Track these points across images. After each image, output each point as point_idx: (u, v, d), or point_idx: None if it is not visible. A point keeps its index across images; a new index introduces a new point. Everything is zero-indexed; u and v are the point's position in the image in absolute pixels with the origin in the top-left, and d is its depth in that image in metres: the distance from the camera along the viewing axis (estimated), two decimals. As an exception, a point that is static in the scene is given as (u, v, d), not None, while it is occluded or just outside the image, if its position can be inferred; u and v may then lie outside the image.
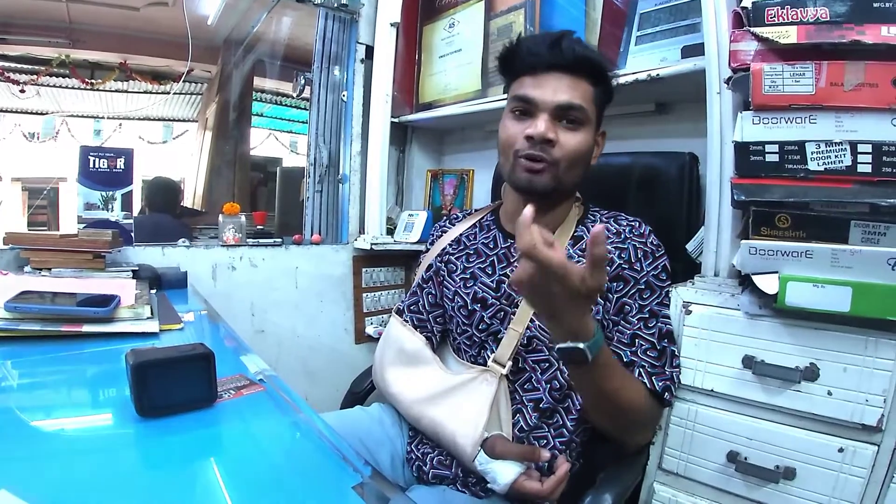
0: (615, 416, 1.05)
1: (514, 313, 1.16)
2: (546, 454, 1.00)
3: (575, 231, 1.20)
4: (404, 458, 1.27)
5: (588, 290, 0.79)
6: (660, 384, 1.06)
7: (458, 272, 1.28)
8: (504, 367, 1.12)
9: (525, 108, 1.13)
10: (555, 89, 1.10)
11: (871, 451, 0.93)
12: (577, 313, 0.84)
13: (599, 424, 1.10)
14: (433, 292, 1.33)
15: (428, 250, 1.41)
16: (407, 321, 1.32)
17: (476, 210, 1.44)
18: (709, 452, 1.10)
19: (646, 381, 1.05)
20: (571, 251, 1.16)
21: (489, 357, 1.15)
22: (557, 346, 0.87)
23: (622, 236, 1.15)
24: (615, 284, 1.12)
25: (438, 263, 1.33)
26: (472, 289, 1.23)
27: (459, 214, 1.44)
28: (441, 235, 1.39)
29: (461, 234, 1.35)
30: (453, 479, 1.15)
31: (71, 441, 0.69)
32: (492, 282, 1.22)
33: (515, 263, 1.19)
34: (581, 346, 0.84)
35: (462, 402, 1.13)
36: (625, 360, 1.07)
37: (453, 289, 1.27)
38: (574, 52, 1.11)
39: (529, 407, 1.14)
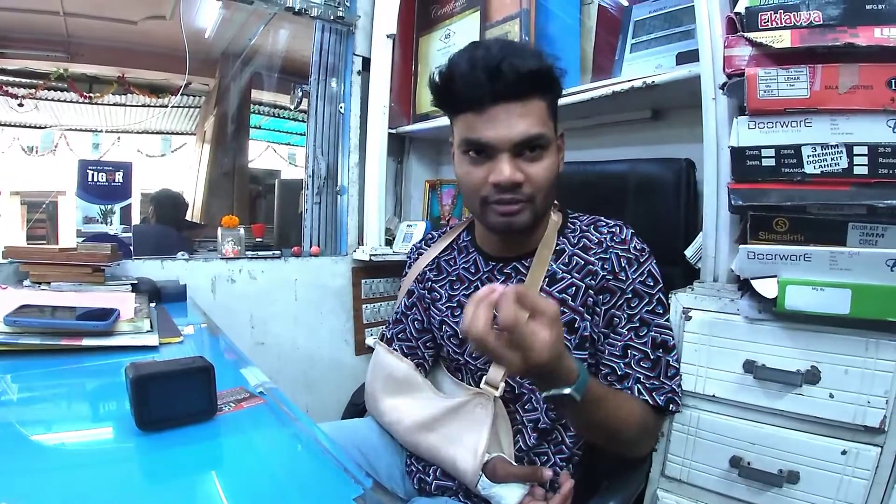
0: (609, 439, 1.04)
1: None
2: (548, 473, 0.98)
3: (556, 244, 1.15)
4: (404, 470, 1.26)
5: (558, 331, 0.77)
6: (661, 398, 1.04)
7: (444, 301, 1.25)
8: (497, 388, 1.07)
9: (480, 149, 1.04)
10: (508, 125, 1.00)
11: (874, 453, 0.93)
12: (556, 358, 0.79)
13: (597, 445, 1.10)
14: (419, 318, 1.30)
15: (406, 274, 1.37)
16: (395, 349, 1.29)
17: (450, 228, 1.38)
18: (711, 458, 1.10)
19: (646, 397, 1.04)
20: (556, 266, 1.13)
21: (483, 380, 1.12)
22: (543, 394, 0.85)
23: (603, 245, 1.11)
24: (602, 297, 1.09)
25: (421, 290, 1.30)
26: (461, 317, 1.19)
27: (435, 235, 1.39)
28: (417, 258, 1.35)
29: (438, 258, 1.30)
30: (456, 491, 1.14)
31: (71, 455, 0.69)
32: None
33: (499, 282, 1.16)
34: (567, 391, 0.82)
35: (459, 427, 1.11)
36: (619, 372, 1.06)
37: (439, 318, 1.24)
38: (518, 73, 0.98)
39: (529, 427, 1.12)
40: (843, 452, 0.95)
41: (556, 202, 1.21)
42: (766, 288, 0.99)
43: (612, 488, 1.11)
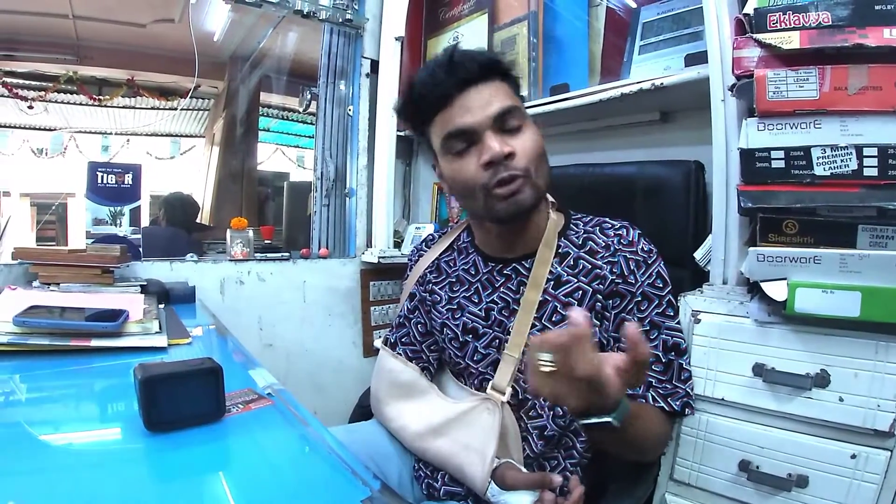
0: (635, 453, 1.02)
1: (507, 339, 1.11)
2: (558, 479, 0.97)
3: (559, 246, 1.13)
4: (412, 475, 1.26)
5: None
6: (677, 404, 1.02)
7: (444, 303, 1.23)
8: (504, 393, 1.08)
9: (465, 139, 1.04)
10: (481, 105, 1.02)
11: (883, 457, 0.93)
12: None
13: (619, 457, 1.07)
14: (422, 321, 1.29)
15: (407, 276, 1.36)
16: (400, 354, 1.28)
17: (449, 228, 1.37)
18: (720, 462, 1.10)
19: (662, 404, 1.02)
20: (560, 269, 1.11)
21: (489, 385, 1.11)
22: (582, 422, 0.80)
23: (611, 249, 1.09)
24: (611, 301, 1.07)
25: (422, 293, 1.29)
26: (461, 320, 1.19)
27: (435, 236, 1.38)
28: (418, 260, 1.34)
29: (438, 259, 1.29)
30: (465, 497, 1.13)
31: (79, 455, 0.69)
32: (480, 310, 1.17)
33: (500, 290, 1.16)
34: (608, 419, 0.78)
35: (466, 433, 1.09)
36: None
37: (440, 320, 1.23)
38: (473, 59, 1.04)
39: (535, 434, 1.11)
40: (853, 456, 0.95)
41: (553, 201, 1.19)
42: (776, 290, 0.99)
43: (621, 492, 1.11)
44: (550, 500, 0.96)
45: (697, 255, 1.23)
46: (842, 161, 0.91)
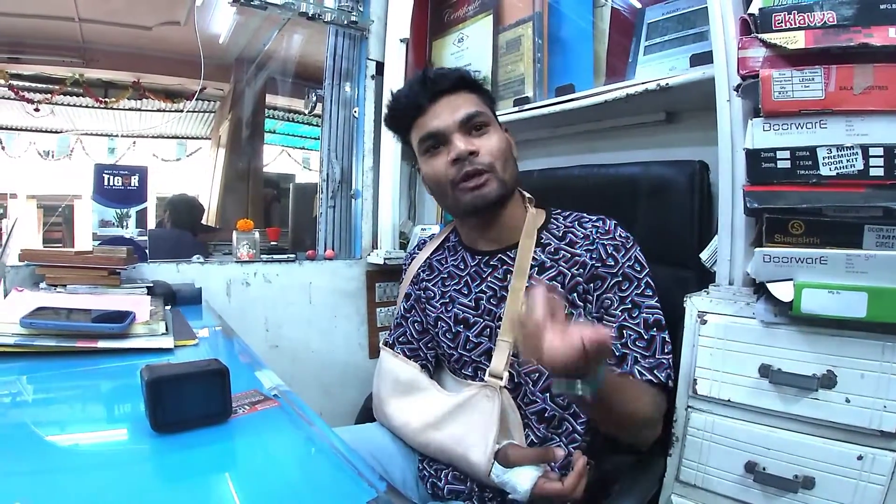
0: (628, 426, 1.06)
1: (499, 326, 1.16)
2: (560, 453, 1.00)
3: (541, 238, 1.21)
4: (417, 475, 1.26)
5: None
6: (662, 374, 1.08)
7: (437, 298, 1.29)
8: (501, 378, 1.11)
9: (436, 141, 1.18)
10: (449, 111, 1.16)
11: (890, 458, 0.92)
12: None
13: (612, 434, 1.10)
14: (418, 319, 1.34)
15: (402, 280, 1.43)
16: (398, 353, 1.33)
17: (439, 231, 1.45)
18: (727, 463, 1.09)
19: (649, 377, 1.06)
20: (543, 256, 1.18)
21: (485, 373, 1.15)
22: (555, 390, 0.84)
23: (590, 238, 1.17)
24: (592, 285, 1.14)
25: (417, 291, 1.35)
26: (453, 311, 1.24)
27: (426, 239, 1.45)
28: (411, 262, 1.41)
29: (430, 259, 1.36)
30: (469, 495, 1.14)
31: (86, 456, 0.69)
32: (470, 300, 1.23)
33: (488, 280, 1.22)
34: (579, 388, 0.80)
35: (468, 420, 1.12)
36: (616, 354, 1.08)
37: (434, 314, 1.28)
38: (444, 75, 1.20)
39: (534, 419, 1.14)
40: (859, 458, 0.94)
41: (531, 197, 1.27)
42: (782, 291, 0.98)
43: (625, 492, 1.11)
44: (555, 476, 0.98)
45: (703, 255, 1.23)
46: (847, 161, 0.91)
